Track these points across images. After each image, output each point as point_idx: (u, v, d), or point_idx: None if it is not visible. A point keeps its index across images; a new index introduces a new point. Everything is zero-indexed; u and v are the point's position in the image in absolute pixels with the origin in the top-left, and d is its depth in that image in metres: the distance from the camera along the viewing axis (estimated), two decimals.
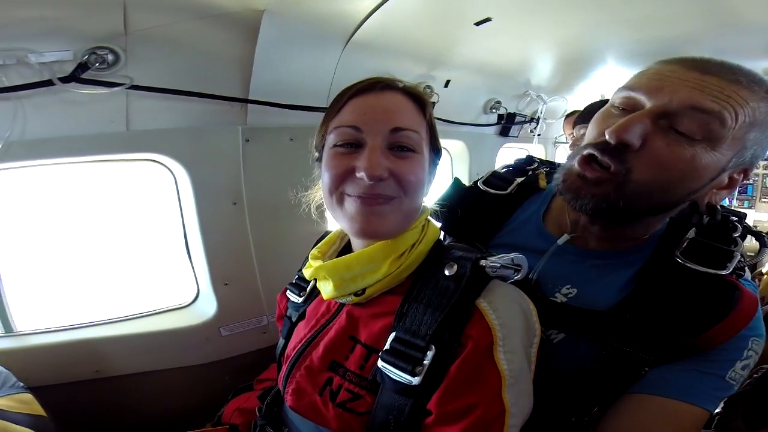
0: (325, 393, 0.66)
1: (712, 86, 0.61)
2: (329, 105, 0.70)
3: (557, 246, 0.78)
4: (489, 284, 0.62)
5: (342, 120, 0.66)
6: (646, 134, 0.63)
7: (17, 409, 0.89)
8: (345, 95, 0.67)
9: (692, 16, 1.35)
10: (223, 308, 1.41)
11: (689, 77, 0.62)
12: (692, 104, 0.61)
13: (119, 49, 1.02)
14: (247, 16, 1.08)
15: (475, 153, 2.40)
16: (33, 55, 0.93)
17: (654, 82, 0.65)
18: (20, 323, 1.28)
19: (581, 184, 0.68)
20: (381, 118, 0.64)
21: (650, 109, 0.63)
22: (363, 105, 0.66)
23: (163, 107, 1.18)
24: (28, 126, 1.02)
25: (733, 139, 0.62)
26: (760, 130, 0.63)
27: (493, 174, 0.97)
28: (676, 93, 0.62)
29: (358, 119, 0.64)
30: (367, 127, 0.64)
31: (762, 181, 4.31)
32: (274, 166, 1.40)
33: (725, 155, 0.63)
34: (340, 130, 0.65)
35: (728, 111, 0.60)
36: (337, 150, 0.66)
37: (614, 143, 0.64)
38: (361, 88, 0.67)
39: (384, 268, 0.65)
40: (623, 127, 0.63)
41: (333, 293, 0.69)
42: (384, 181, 0.63)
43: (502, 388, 0.56)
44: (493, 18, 1.30)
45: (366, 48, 1.36)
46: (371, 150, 0.63)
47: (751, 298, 0.63)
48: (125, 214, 1.49)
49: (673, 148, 0.62)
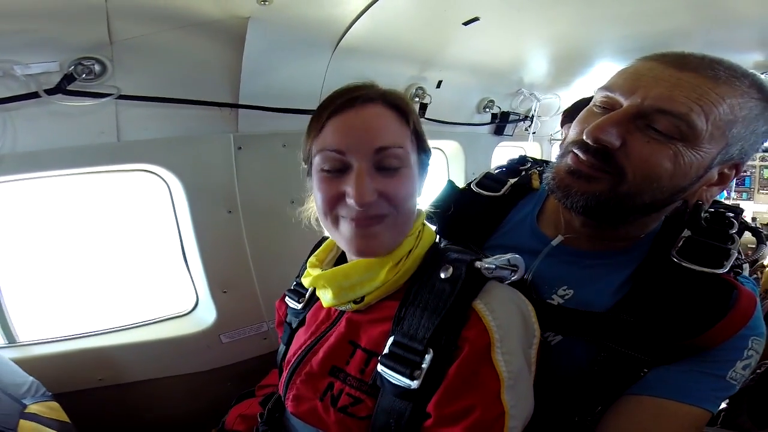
0: (326, 398, 0.66)
1: (687, 84, 0.60)
2: (311, 118, 0.69)
3: (551, 247, 0.78)
4: (485, 285, 0.62)
5: (325, 142, 0.64)
6: (625, 134, 0.63)
7: (47, 415, 0.99)
8: (324, 113, 0.66)
9: (682, 11, 1.35)
10: (223, 315, 1.42)
11: (665, 75, 0.62)
12: (660, 107, 0.61)
13: (105, 59, 1.02)
14: (232, 23, 1.08)
15: (471, 153, 2.40)
16: (19, 67, 0.93)
17: (630, 81, 0.65)
18: (22, 333, 1.29)
19: (571, 181, 0.68)
20: (364, 138, 0.63)
21: (625, 110, 0.63)
22: (344, 126, 0.64)
23: (154, 117, 1.18)
24: (19, 139, 1.02)
25: (711, 136, 0.61)
26: (744, 126, 0.62)
27: (486, 175, 0.96)
28: (649, 93, 0.62)
29: (341, 142, 0.63)
30: (351, 150, 0.63)
31: (759, 173, 4.30)
32: (268, 172, 1.41)
33: (708, 152, 0.62)
34: (324, 154, 0.64)
35: (697, 112, 0.59)
36: (324, 175, 0.65)
37: (592, 144, 0.64)
38: (341, 105, 0.65)
39: (382, 276, 0.65)
40: (598, 128, 0.63)
41: (332, 301, 0.69)
42: (374, 203, 0.63)
43: (500, 390, 0.56)
44: (480, 17, 1.30)
45: (355, 51, 1.36)
46: (358, 176, 0.62)
47: (750, 298, 0.62)
48: (122, 223, 1.50)
49: (653, 146, 0.62)
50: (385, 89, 0.68)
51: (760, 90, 0.63)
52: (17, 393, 0.98)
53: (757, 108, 0.62)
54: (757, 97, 0.62)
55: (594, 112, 0.68)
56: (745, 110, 0.61)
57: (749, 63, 1.80)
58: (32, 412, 0.96)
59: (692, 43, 1.57)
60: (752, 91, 0.62)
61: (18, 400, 0.96)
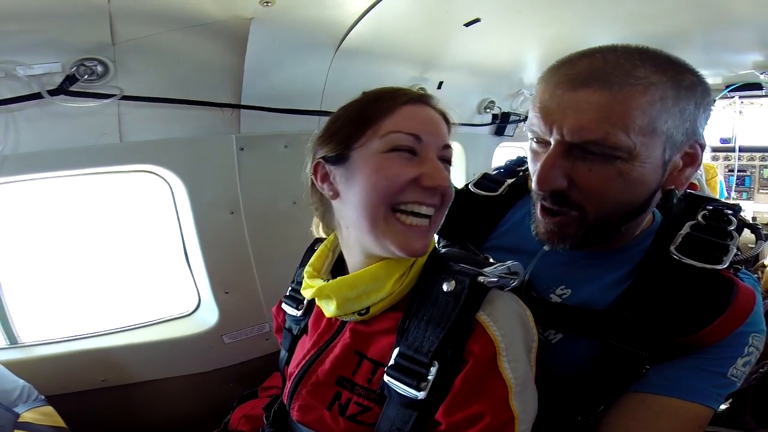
0: (334, 407, 0.66)
1: (588, 105, 0.59)
2: (364, 105, 0.68)
3: (545, 249, 0.78)
4: (487, 296, 0.62)
5: (400, 125, 0.64)
6: (568, 171, 0.63)
7: (42, 422, 0.94)
8: (399, 98, 0.66)
9: (682, 12, 1.35)
10: (225, 316, 1.42)
11: (565, 101, 0.61)
12: (579, 138, 0.60)
13: (108, 60, 1.02)
14: (234, 24, 1.08)
15: (472, 153, 2.41)
16: (21, 68, 0.93)
17: (542, 118, 0.64)
18: (24, 334, 1.29)
19: (549, 234, 0.71)
20: (436, 131, 0.66)
21: (554, 151, 0.63)
22: (421, 115, 0.66)
23: (156, 118, 1.18)
24: (21, 140, 1.02)
25: (644, 144, 0.60)
26: (669, 115, 0.60)
27: (484, 176, 0.97)
28: (563, 125, 0.61)
29: (420, 128, 0.64)
30: (428, 139, 0.64)
31: (759, 173, 4.31)
32: (270, 173, 1.40)
33: (652, 154, 0.61)
34: (398, 135, 0.63)
35: (613, 133, 0.58)
36: (397, 155, 0.63)
37: (546, 194, 0.66)
38: (414, 98, 0.67)
39: (388, 286, 0.65)
40: (542, 179, 0.64)
41: (336, 312, 0.68)
42: (437, 193, 0.65)
43: (509, 396, 0.57)
44: (482, 19, 1.31)
45: (357, 52, 1.37)
46: (433, 161, 0.64)
47: (748, 294, 0.62)
48: (125, 224, 1.50)
49: (598, 173, 0.62)
50: None
51: (661, 71, 0.60)
52: (8, 400, 0.92)
53: (669, 92, 0.59)
54: (661, 81, 0.59)
55: (535, 150, 0.69)
56: (658, 104, 0.59)
57: (749, 63, 1.80)
58: (26, 420, 0.91)
59: (691, 43, 1.57)
60: (654, 79, 0.59)
61: (10, 409, 0.91)
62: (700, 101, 0.63)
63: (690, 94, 0.62)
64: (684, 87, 0.61)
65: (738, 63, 1.82)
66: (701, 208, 0.75)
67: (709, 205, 0.76)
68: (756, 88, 2.25)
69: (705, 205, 0.76)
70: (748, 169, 4.32)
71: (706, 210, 0.75)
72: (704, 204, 0.77)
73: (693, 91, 0.62)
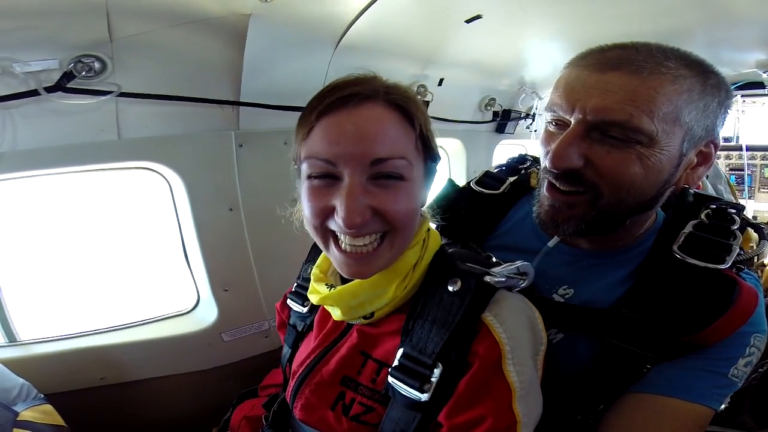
0: (338, 407, 0.66)
1: (615, 87, 0.59)
2: (300, 115, 0.61)
3: (549, 247, 0.78)
4: (494, 296, 0.60)
5: (312, 149, 0.57)
6: (586, 151, 0.63)
7: (42, 420, 0.93)
8: (313, 112, 0.57)
9: (685, 10, 1.34)
10: (224, 314, 1.41)
11: (592, 82, 0.61)
12: (601, 118, 0.60)
13: (105, 56, 1.01)
14: (233, 20, 1.07)
15: (472, 151, 2.40)
16: (18, 65, 0.93)
17: (565, 97, 0.64)
18: (22, 332, 1.29)
19: (554, 214, 0.69)
20: (358, 147, 0.54)
21: (574, 129, 0.63)
22: (335, 130, 0.55)
23: (154, 114, 1.17)
24: (19, 137, 1.01)
25: (665, 132, 0.60)
26: (693, 108, 0.61)
27: (486, 174, 0.96)
28: (587, 106, 0.61)
29: (331, 151, 0.55)
30: (343, 161, 0.55)
31: (760, 172, 4.30)
32: (269, 170, 1.40)
33: (671, 145, 0.62)
34: (311, 162, 0.57)
35: (637, 115, 0.59)
36: (312, 183, 0.58)
37: (559, 172, 0.65)
38: (332, 104, 0.56)
39: (390, 292, 0.64)
40: (557, 156, 0.63)
41: (341, 317, 0.68)
42: (368, 222, 0.56)
43: (512, 400, 0.56)
44: (483, 15, 1.30)
45: (357, 49, 1.36)
46: (348, 193, 0.54)
47: (751, 294, 0.62)
48: (123, 221, 1.49)
49: (616, 155, 0.62)
50: (389, 84, 0.60)
51: (689, 66, 0.61)
52: (7, 399, 0.91)
53: (696, 86, 0.61)
54: (690, 75, 0.61)
55: (550, 131, 0.69)
56: (685, 95, 0.60)
57: (751, 62, 1.79)
58: (26, 419, 0.90)
59: (694, 41, 1.56)
60: (683, 72, 0.60)
61: (9, 408, 0.90)
62: (722, 101, 0.65)
63: (715, 91, 0.63)
64: (710, 84, 0.63)
65: (741, 61, 1.81)
66: (704, 207, 0.75)
67: (713, 204, 0.76)
68: (759, 87, 2.24)
69: (708, 203, 0.76)
70: (749, 168, 4.31)
71: (710, 209, 0.74)
72: (707, 203, 0.76)
73: (718, 89, 0.64)
